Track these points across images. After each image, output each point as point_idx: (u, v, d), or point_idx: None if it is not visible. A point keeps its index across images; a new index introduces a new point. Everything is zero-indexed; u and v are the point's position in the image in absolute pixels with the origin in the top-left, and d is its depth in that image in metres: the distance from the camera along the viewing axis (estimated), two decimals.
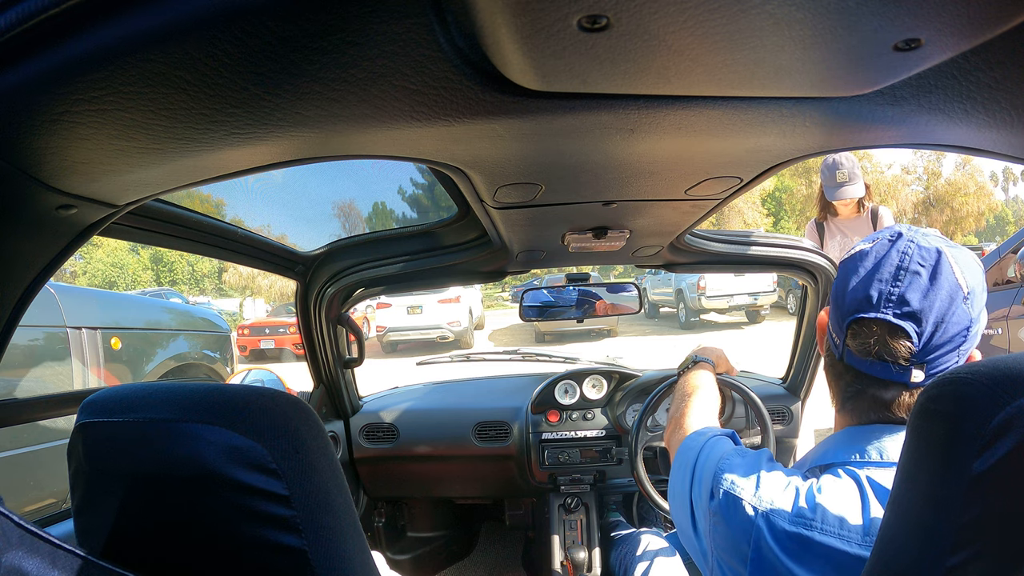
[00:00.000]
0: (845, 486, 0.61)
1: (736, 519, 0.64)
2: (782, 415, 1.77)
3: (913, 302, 0.58)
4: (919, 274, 0.59)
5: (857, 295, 0.62)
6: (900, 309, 0.59)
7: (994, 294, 3.05)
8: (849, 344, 0.63)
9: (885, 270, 0.61)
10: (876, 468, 0.62)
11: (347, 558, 0.43)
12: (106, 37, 0.37)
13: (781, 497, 0.62)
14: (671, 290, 11.14)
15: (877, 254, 0.62)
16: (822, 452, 0.68)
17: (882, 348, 0.60)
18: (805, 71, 0.48)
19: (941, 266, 0.59)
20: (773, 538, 0.61)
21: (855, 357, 0.63)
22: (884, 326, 0.60)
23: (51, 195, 0.52)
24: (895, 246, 0.62)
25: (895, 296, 0.59)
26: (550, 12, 0.36)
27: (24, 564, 0.35)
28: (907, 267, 0.60)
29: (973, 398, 0.38)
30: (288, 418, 0.42)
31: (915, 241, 0.61)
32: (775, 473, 0.66)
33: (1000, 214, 28.81)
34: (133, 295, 8.38)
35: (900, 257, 0.61)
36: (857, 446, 0.64)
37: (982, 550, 0.38)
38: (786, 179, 20.52)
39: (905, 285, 0.59)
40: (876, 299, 0.60)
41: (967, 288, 0.59)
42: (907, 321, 0.59)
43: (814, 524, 0.59)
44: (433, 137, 0.60)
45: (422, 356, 2.20)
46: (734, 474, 0.67)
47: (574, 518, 1.76)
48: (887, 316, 0.59)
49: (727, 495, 0.66)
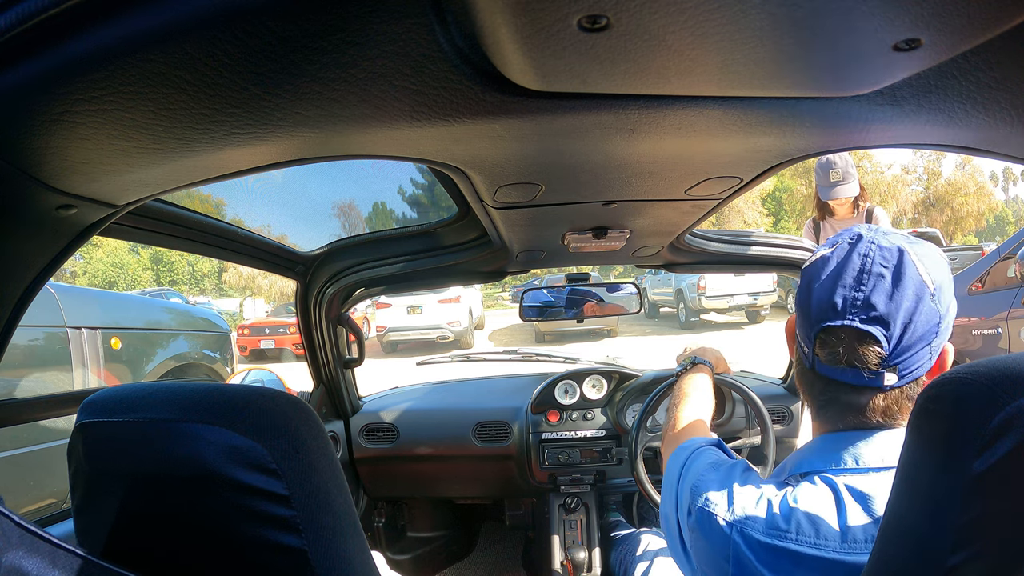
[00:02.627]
0: (821, 494, 0.61)
1: (712, 534, 0.64)
2: (782, 415, 1.77)
3: (879, 306, 0.57)
4: (883, 276, 0.58)
5: (822, 303, 0.60)
6: (866, 314, 0.57)
7: (994, 294, 3.05)
8: (818, 353, 0.62)
9: (848, 275, 0.59)
10: (852, 474, 0.61)
11: (347, 558, 0.43)
12: (106, 37, 0.37)
13: (755, 509, 0.62)
14: (671, 290, 11.14)
15: (838, 259, 0.61)
16: (799, 460, 0.68)
17: (851, 355, 0.59)
18: (805, 71, 0.48)
19: (904, 265, 0.58)
20: (750, 551, 0.61)
21: (825, 366, 0.61)
22: (852, 333, 0.58)
23: (51, 195, 0.52)
24: (855, 249, 0.60)
25: (860, 301, 0.58)
26: (550, 12, 0.36)
27: (24, 564, 0.35)
28: (869, 270, 0.58)
29: (973, 398, 0.38)
30: (288, 418, 0.42)
31: (876, 242, 0.60)
32: (748, 486, 0.65)
33: (1000, 214, 28.84)
34: (133, 295, 8.37)
35: (862, 260, 0.59)
36: (833, 454, 0.63)
37: (982, 550, 0.38)
38: (786, 179, 20.54)
39: (869, 289, 0.58)
40: (841, 306, 0.59)
41: (933, 284, 0.57)
42: (874, 326, 0.57)
43: (788, 534, 0.59)
44: (433, 137, 0.60)
45: (422, 356, 2.20)
46: (708, 489, 0.67)
47: (574, 518, 1.76)
48: (853, 323, 0.58)
49: (701, 511, 0.66)
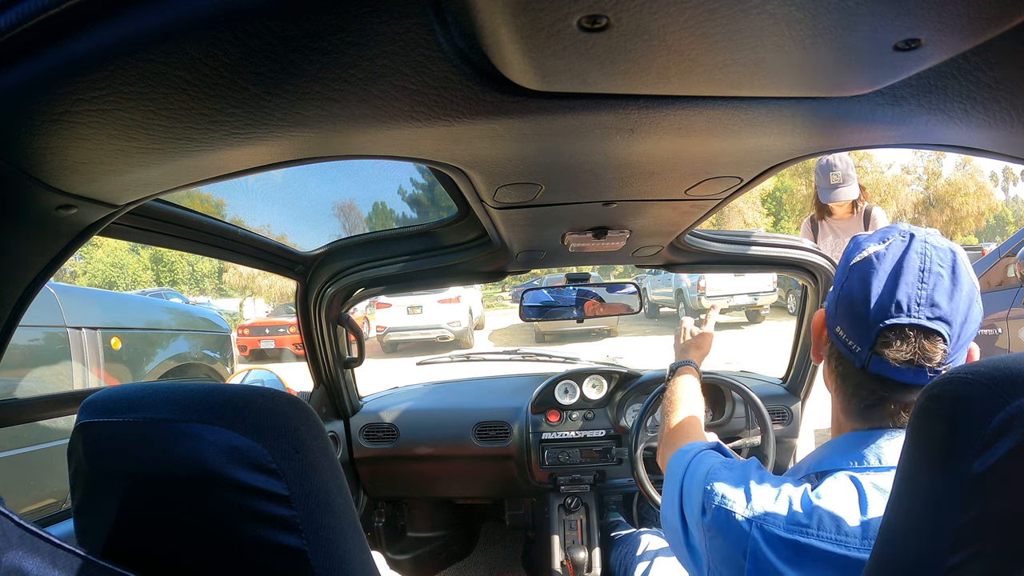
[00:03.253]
0: (843, 491, 0.60)
1: (730, 532, 0.64)
2: (782, 415, 1.77)
3: (942, 304, 0.57)
4: (941, 275, 0.58)
5: (883, 299, 0.59)
6: (932, 312, 0.57)
7: (994, 294, 3.04)
8: (880, 351, 0.59)
9: (909, 272, 0.58)
10: (876, 473, 0.61)
11: (347, 558, 0.43)
12: (106, 37, 0.37)
13: (774, 505, 0.62)
14: (671, 290, 11.14)
15: (895, 256, 0.60)
16: (819, 459, 0.67)
17: (920, 353, 0.58)
18: (805, 71, 0.48)
19: (958, 266, 0.58)
20: (769, 547, 0.60)
21: (887, 365, 0.59)
22: (920, 331, 0.57)
23: (51, 195, 0.52)
24: (911, 247, 0.60)
25: (924, 299, 0.58)
26: (550, 12, 0.36)
27: (24, 564, 0.35)
28: (929, 268, 0.58)
29: (973, 398, 0.38)
30: (288, 418, 0.42)
31: (929, 242, 0.60)
32: (765, 483, 0.65)
33: (1000, 214, 28.79)
34: (133, 295, 8.37)
35: (920, 259, 0.59)
36: (855, 452, 0.63)
37: (982, 550, 0.37)
38: (786, 179, 20.52)
39: (931, 286, 0.58)
40: (907, 303, 0.58)
41: (978, 287, 0.59)
42: (940, 323, 0.57)
43: (810, 530, 0.59)
44: (433, 137, 0.60)
45: (422, 356, 2.20)
46: (724, 488, 0.66)
47: (574, 518, 1.76)
48: (920, 320, 0.57)
49: (718, 509, 0.65)
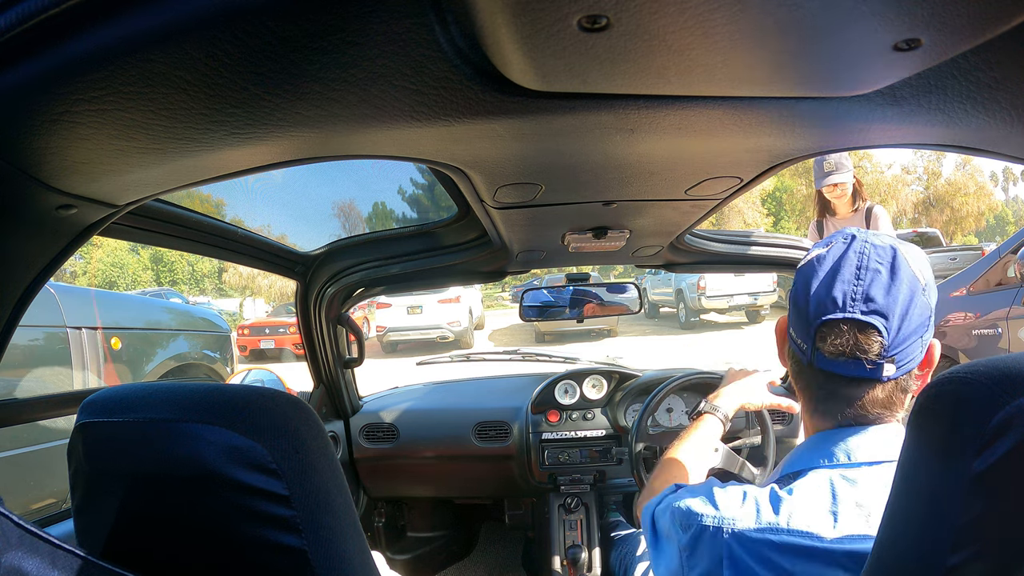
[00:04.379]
0: (814, 486, 0.62)
1: (704, 542, 0.65)
2: (782, 415, 1.77)
3: (878, 298, 0.60)
4: (879, 271, 0.60)
5: (821, 298, 0.62)
6: (867, 306, 0.60)
7: (994, 294, 3.05)
8: (819, 347, 0.63)
9: (846, 271, 0.62)
10: (845, 469, 0.63)
11: (347, 558, 0.43)
12: (106, 37, 0.37)
13: (741, 509, 0.63)
14: (671, 290, 11.14)
15: (835, 257, 0.63)
16: (792, 460, 0.69)
17: (854, 346, 0.60)
18: (805, 71, 0.48)
19: (898, 261, 0.61)
20: (742, 548, 0.61)
21: (825, 359, 0.63)
22: (853, 324, 0.60)
23: (51, 195, 0.52)
24: (851, 248, 0.63)
25: (859, 294, 0.60)
26: (550, 12, 0.36)
27: (24, 564, 0.35)
28: (867, 265, 0.61)
29: (973, 398, 0.38)
30: (288, 418, 0.42)
31: (869, 241, 0.63)
32: (729, 489, 0.67)
33: (1000, 214, 28.81)
34: (133, 295, 8.37)
35: (858, 257, 0.62)
36: (824, 450, 0.65)
37: (982, 550, 0.38)
38: (786, 179, 20.54)
39: (867, 283, 0.60)
40: (842, 299, 0.61)
41: (924, 280, 0.61)
42: (875, 317, 0.60)
43: (779, 527, 0.60)
44: (433, 137, 0.60)
45: (422, 356, 2.20)
46: (690, 502, 0.68)
47: (574, 518, 1.76)
48: (855, 314, 0.60)
49: (695, 525, 0.66)
